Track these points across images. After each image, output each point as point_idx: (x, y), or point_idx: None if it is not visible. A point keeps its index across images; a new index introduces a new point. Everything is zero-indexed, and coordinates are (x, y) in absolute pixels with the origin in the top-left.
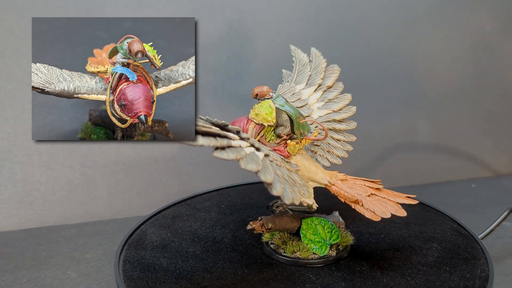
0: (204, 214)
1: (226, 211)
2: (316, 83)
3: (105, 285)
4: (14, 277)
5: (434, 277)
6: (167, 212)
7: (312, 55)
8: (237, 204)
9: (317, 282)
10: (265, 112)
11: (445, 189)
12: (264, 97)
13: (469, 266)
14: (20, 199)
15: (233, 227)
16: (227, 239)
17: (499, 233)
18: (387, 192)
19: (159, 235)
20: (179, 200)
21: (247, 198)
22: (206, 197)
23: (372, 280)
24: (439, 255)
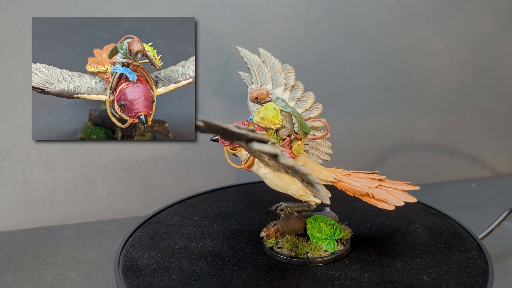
0: (183, 229)
1: (202, 222)
2: (281, 83)
3: (105, 285)
4: (14, 277)
5: (433, 277)
6: (160, 218)
7: (263, 55)
8: (210, 215)
9: (342, 278)
10: (271, 115)
11: (445, 189)
12: (264, 100)
13: (469, 266)
14: (20, 199)
15: (221, 237)
16: (224, 250)
17: (499, 233)
18: (390, 181)
19: (150, 260)
20: (178, 200)
21: (223, 204)
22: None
23: (388, 266)
24: (439, 254)
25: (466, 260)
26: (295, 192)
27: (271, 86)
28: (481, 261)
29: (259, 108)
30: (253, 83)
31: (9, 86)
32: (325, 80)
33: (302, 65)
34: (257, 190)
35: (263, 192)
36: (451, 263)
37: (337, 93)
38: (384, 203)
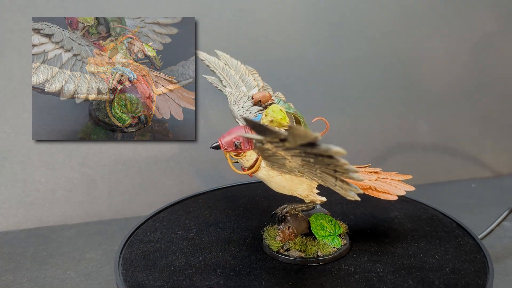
0: (173, 245)
1: (188, 235)
2: (254, 85)
3: (105, 285)
4: (14, 277)
5: (432, 277)
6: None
7: (222, 57)
8: (191, 227)
9: (359, 271)
10: (279, 117)
11: (445, 189)
12: (267, 102)
13: (469, 266)
14: (20, 199)
15: (218, 248)
16: (229, 261)
17: (499, 233)
18: (385, 173)
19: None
20: (178, 200)
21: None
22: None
23: (393, 255)
24: (438, 255)
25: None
26: (301, 193)
27: (244, 88)
28: (481, 261)
29: (266, 111)
30: (225, 86)
31: (9, 86)
32: (325, 80)
33: (302, 65)
34: (227, 195)
35: (235, 196)
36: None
37: (337, 93)
38: (387, 194)
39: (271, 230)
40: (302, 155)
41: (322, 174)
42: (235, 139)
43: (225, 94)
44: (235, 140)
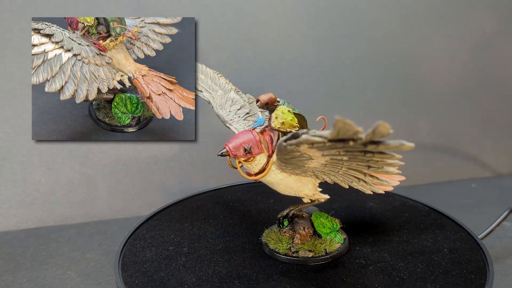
0: (172, 262)
1: (182, 250)
2: (229, 88)
3: (105, 285)
4: (14, 277)
5: (433, 277)
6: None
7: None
8: (181, 241)
9: (370, 262)
10: (289, 118)
11: (445, 189)
12: (273, 103)
13: (469, 266)
14: (20, 199)
15: (221, 259)
16: (241, 270)
17: (499, 233)
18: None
19: None
20: (177, 200)
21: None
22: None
23: (391, 243)
24: (431, 237)
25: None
26: (308, 192)
27: (221, 91)
28: (481, 261)
29: (275, 113)
30: (201, 90)
31: (9, 86)
32: (325, 80)
33: (302, 65)
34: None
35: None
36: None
37: (337, 93)
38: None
39: (272, 234)
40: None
41: (348, 171)
42: (244, 144)
43: (204, 99)
44: (244, 145)
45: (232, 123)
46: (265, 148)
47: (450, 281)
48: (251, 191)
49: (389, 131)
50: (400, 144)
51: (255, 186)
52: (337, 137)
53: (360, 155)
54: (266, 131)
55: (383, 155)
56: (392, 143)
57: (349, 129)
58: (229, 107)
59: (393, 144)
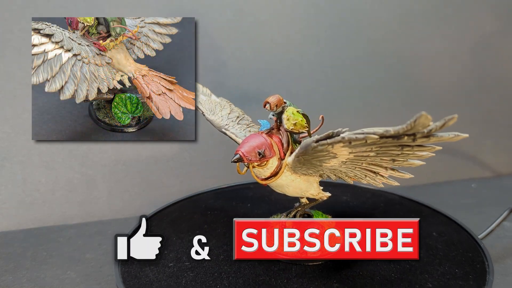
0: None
1: (184, 264)
2: (208, 93)
3: (105, 285)
4: (14, 277)
5: (433, 277)
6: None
7: None
8: (180, 259)
9: None
10: (299, 119)
11: (445, 189)
12: (281, 105)
13: (469, 266)
14: (20, 199)
15: (229, 268)
16: (255, 277)
17: (499, 233)
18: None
19: None
20: (177, 200)
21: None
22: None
23: None
24: (438, 255)
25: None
26: (313, 192)
27: (203, 96)
28: (481, 261)
29: (286, 114)
30: None
31: (9, 86)
32: (325, 80)
33: (302, 65)
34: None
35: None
36: (452, 265)
37: (337, 93)
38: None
39: None
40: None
41: (368, 166)
42: (258, 148)
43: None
44: (258, 149)
45: (228, 128)
46: (276, 151)
47: (450, 281)
48: (251, 191)
49: (430, 122)
50: (455, 135)
51: (256, 186)
52: (409, 132)
53: (396, 149)
54: (273, 134)
55: (423, 148)
56: (446, 136)
57: (425, 124)
58: (220, 112)
59: (448, 136)
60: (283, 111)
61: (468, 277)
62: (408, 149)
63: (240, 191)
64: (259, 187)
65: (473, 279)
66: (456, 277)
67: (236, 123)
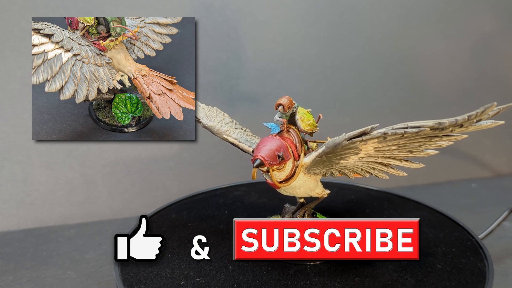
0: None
1: (195, 279)
2: None
3: (105, 285)
4: (14, 277)
5: (432, 277)
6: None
7: None
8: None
9: None
10: (312, 119)
11: (445, 189)
12: (293, 107)
13: (468, 266)
14: (20, 199)
15: (248, 279)
16: (271, 281)
17: (499, 233)
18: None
19: None
20: (177, 200)
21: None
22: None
23: None
24: (438, 256)
25: (466, 260)
26: (318, 191)
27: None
28: (481, 261)
29: (299, 115)
30: None
31: (9, 86)
32: (325, 80)
33: (302, 65)
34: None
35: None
36: (452, 266)
37: (337, 93)
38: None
39: None
40: (399, 143)
41: (384, 160)
42: (277, 151)
43: None
44: (278, 152)
45: (230, 134)
46: (291, 153)
47: (450, 281)
48: (251, 191)
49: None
50: (493, 123)
51: (256, 186)
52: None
53: (424, 140)
54: (284, 136)
55: (449, 137)
56: (484, 124)
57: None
58: (214, 117)
59: (485, 124)
60: (295, 113)
61: (468, 277)
62: (436, 139)
63: (240, 191)
64: (259, 187)
65: (473, 279)
66: (456, 277)
67: (233, 128)
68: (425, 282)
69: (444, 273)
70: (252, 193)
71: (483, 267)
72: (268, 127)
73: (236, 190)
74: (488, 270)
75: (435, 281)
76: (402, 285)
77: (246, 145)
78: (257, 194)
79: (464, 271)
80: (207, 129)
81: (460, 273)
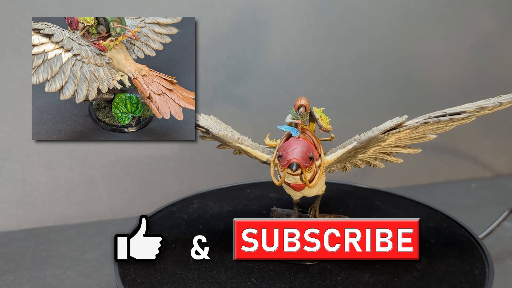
0: None
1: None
2: None
3: (105, 285)
4: (14, 277)
5: (432, 277)
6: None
7: None
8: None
9: None
10: (327, 118)
11: (445, 189)
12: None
13: (468, 266)
14: (20, 199)
15: (263, 283)
16: (285, 284)
17: (499, 233)
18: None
19: None
20: (177, 200)
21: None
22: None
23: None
24: (438, 255)
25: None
26: (323, 188)
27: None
28: (481, 261)
29: (318, 115)
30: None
31: (9, 86)
32: (325, 80)
33: (302, 65)
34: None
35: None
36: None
37: (337, 93)
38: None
39: None
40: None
41: (393, 149)
42: (308, 152)
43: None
44: (309, 154)
45: (243, 141)
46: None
47: (450, 281)
48: (251, 191)
49: None
50: None
51: (256, 186)
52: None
53: (442, 124)
54: (304, 138)
55: (464, 119)
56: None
57: None
58: (219, 126)
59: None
60: (312, 112)
61: (468, 277)
62: (451, 124)
63: (240, 191)
64: (259, 187)
65: (473, 279)
66: (456, 277)
67: (239, 134)
68: (425, 282)
69: (444, 273)
70: (253, 193)
71: (483, 267)
72: (283, 130)
73: (236, 190)
74: (488, 270)
75: (435, 281)
76: (402, 285)
77: (259, 151)
78: (258, 194)
79: (464, 271)
80: (217, 139)
81: (460, 273)
